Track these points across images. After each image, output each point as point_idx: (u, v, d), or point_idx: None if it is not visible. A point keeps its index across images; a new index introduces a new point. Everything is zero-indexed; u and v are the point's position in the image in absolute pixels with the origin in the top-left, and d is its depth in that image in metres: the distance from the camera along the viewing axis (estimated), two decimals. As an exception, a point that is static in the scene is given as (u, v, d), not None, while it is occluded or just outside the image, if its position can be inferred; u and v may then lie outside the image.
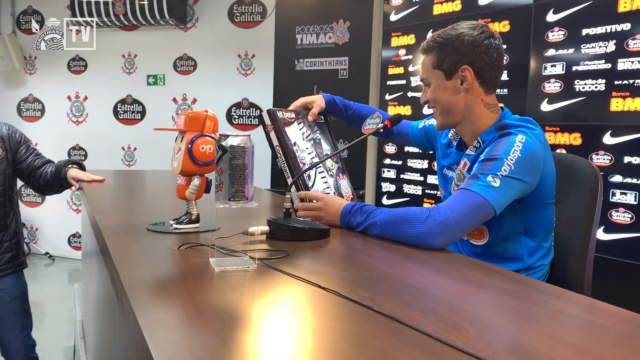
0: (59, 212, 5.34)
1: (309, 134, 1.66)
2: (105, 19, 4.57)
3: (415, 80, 3.13)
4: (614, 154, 2.20)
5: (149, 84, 5.02)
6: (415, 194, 3.15)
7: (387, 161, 3.32)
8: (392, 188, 3.30)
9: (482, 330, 0.77)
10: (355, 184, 1.73)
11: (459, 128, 1.47)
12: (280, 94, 3.87)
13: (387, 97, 3.30)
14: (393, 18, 3.28)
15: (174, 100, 4.93)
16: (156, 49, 4.93)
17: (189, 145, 1.22)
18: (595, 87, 2.27)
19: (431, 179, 3.06)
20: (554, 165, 1.38)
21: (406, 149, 3.17)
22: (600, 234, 2.19)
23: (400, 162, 3.24)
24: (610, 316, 0.87)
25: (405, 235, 1.25)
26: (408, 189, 3.19)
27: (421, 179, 3.12)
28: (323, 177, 1.59)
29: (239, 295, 0.89)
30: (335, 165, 1.68)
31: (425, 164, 3.09)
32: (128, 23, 4.69)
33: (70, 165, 2.26)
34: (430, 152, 1.81)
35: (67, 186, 2.31)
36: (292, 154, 1.54)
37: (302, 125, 1.66)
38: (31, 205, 5.44)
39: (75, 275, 4.75)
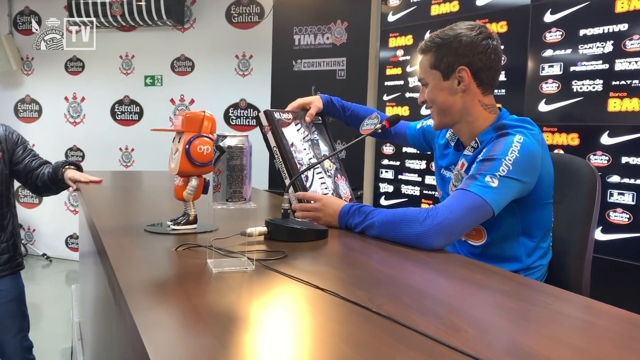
0: (56, 214, 5.34)
1: (306, 135, 1.66)
2: (102, 20, 4.57)
3: (413, 81, 3.13)
4: (612, 155, 2.21)
5: (146, 84, 5.01)
6: (413, 194, 3.15)
7: (385, 162, 3.32)
8: (390, 189, 3.29)
9: (481, 331, 0.77)
10: (353, 184, 1.73)
11: (457, 128, 1.47)
12: (278, 94, 3.87)
13: (385, 98, 3.30)
14: (391, 19, 3.28)
15: (172, 101, 4.93)
16: (154, 49, 4.92)
17: (187, 146, 1.22)
18: (593, 88, 2.27)
19: (429, 180, 3.06)
20: (551, 165, 1.38)
21: (404, 149, 3.17)
22: (598, 235, 2.19)
23: (398, 163, 3.24)
24: (608, 316, 0.87)
25: (404, 236, 1.25)
26: (406, 189, 3.19)
27: (419, 179, 3.12)
28: (321, 178, 1.59)
29: (236, 297, 0.89)
30: (334, 166, 1.67)
31: (423, 165, 3.09)
32: (125, 24, 4.69)
33: (67, 166, 2.25)
34: (428, 153, 1.81)
35: (64, 187, 2.30)
36: (290, 155, 1.54)
37: (300, 126, 1.66)
38: (28, 207, 5.43)
39: (72, 277, 4.74)
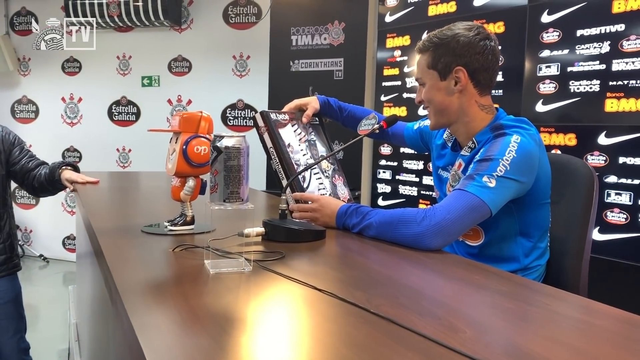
0: (54, 214, 5.32)
1: (303, 136, 1.65)
2: (99, 20, 4.56)
3: (410, 82, 3.13)
4: (609, 155, 2.21)
5: (143, 85, 5.01)
6: (411, 195, 3.15)
7: (383, 162, 3.32)
8: (388, 189, 3.29)
9: (480, 332, 0.77)
10: (350, 185, 1.73)
11: (453, 129, 1.47)
12: (276, 95, 3.86)
13: (383, 98, 3.30)
14: (388, 19, 3.28)
15: (169, 101, 4.92)
16: (151, 50, 4.92)
17: (184, 147, 1.22)
18: (590, 88, 2.28)
19: (427, 180, 3.06)
20: (549, 165, 1.38)
21: (401, 150, 3.17)
22: (596, 235, 2.19)
23: (395, 163, 3.24)
24: (606, 317, 0.87)
25: (401, 237, 1.25)
26: (403, 190, 3.19)
27: (417, 180, 3.12)
28: (318, 179, 1.59)
29: (234, 298, 0.88)
30: (331, 166, 1.67)
31: (420, 165, 3.09)
32: (123, 24, 4.68)
33: (64, 167, 2.25)
34: (426, 154, 1.81)
35: (61, 188, 2.30)
36: (286, 156, 1.53)
37: (297, 127, 1.65)
38: (25, 208, 5.42)
39: (69, 278, 4.73)
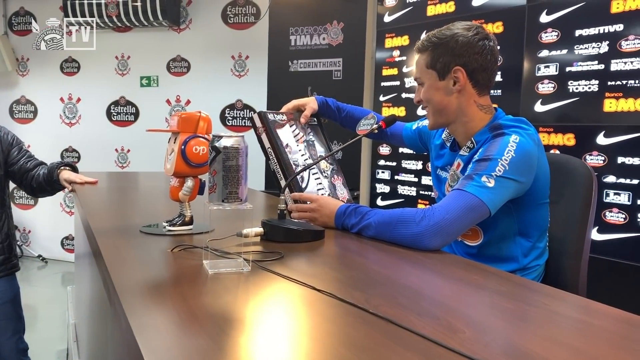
0: (52, 215, 5.31)
1: (301, 136, 1.65)
2: (98, 20, 4.55)
3: (409, 82, 3.13)
4: (608, 155, 2.21)
5: (142, 85, 5.00)
6: (410, 195, 3.15)
7: (382, 162, 3.32)
8: (387, 189, 3.29)
9: (479, 332, 0.77)
10: (349, 185, 1.72)
11: (452, 128, 1.47)
12: (274, 95, 3.86)
13: (382, 99, 3.30)
14: (387, 19, 3.27)
15: (168, 101, 4.91)
16: (149, 50, 4.91)
17: (182, 147, 1.22)
18: (589, 88, 2.28)
19: (425, 180, 3.05)
20: (547, 165, 1.38)
21: (400, 150, 3.17)
22: (594, 235, 2.19)
23: (394, 164, 3.24)
24: (605, 317, 0.87)
25: (400, 237, 1.24)
26: (402, 190, 3.19)
27: (415, 180, 3.12)
28: (317, 179, 1.59)
29: (233, 298, 0.88)
30: (330, 166, 1.67)
31: (419, 165, 3.09)
32: (121, 24, 4.68)
33: (62, 167, 2.25)
34: (424, 154, 1.81)
35: (60, 188, 2.29)
36: (284, 156, 1.53)
37: (295, 127, 1.65)
38: (24, 208, 5.41)
39: (68, 278, 4.72)
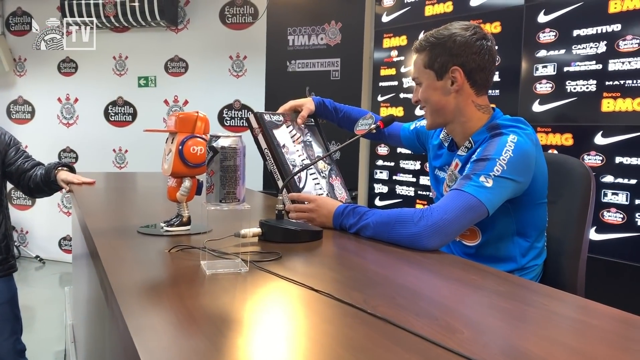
0: (50, 215, 5.30)
1: (298, 137, 1.65)
2: (96, 21, 4.54)
3: (407, 82, 3.13)
4: (606, 155, 2.21)
5: (140, 85, 4.99)
6: (408, 195, 3.15)
7: (380, 162, 3.32)
8: (385, 189, 3.29)
9: (477, 332, 0.76)
10: (347, 185, 1.72)
11: (450, 128, 1.47)
12: (272, 95, 3.86)
13: (379, 99, 3.30)
14: (385, 19, 3.27)
15: (165, 102, 4.91)
16: (147, 50, 4.90)
17: (180, 147, 1.21)
18: (587, 88, 2.28)
19: (423, 180, 3.05)
20: (545, 164, 1.38)
21: (398, 150, 3.17)
22: (592, 234, 2.19)
23: (392, 164, 3.24)
24: (603, 317, 0.87)
25: (399, 237, 1.24)
26: (400, 190, 3.19)
27: (413, 180, 3.12)
28: (315, 179, 1.59)
29: (230, 299, 0.88)
30: (328, 167, 1.67)
31: (417, 165, 3.09)
32: (119, 24, 4.67)
33: (60, 168, 2.24)
34: (423, 154, 1.81)
35: (57, 189, 2.29)
36: (281, 156, 1.53)
37: (291, 128, 1.65)
38: (21, 208, 5.40)
39: (66, 279, 4.71)
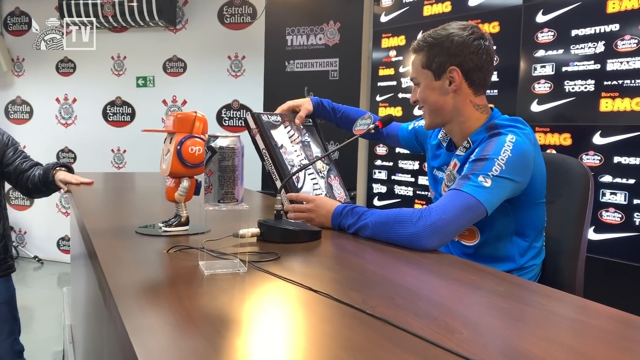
0: (48, 215, 5.29)
1: (296, 137, 1.65)
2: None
3: (405, 82, 3.13)
4: (604, 154, 2.21)
5: (138, 85, 4.99)
6: (406, 195, 3.15)
7: (378, 162, 3.32)
8: (383, 189, 3.29)
9: (476, 332, 0.76)
10: (346, 185, 1.72)
11: (448, 128, 1.47)
12: (271, 95, 3.86)
13: (378, 99, 3.30)
14: (383, 19, 3.27)
15: (164, 102, 4.90)
16: (146, 50, 4.90)
17: (178, 147, 1.21)
18: (585, 88, 2.28)
19: (422, 180, 3.05)
20: (544, 164, 1.38)
21: (397, 150, 3.17)
22: (591, 234, 2.20)
23: (391, 164, 3.24)
24: (602, 316, 0.87)
25: (397, 237, 1.24)
26: (399, 190, 3.19)
27: (412, 180, 3.12)
28: (313, 179, 1.58)
29: (229, 299, 0.88)
30: (327, 167, 1.67)
31: (416, 165, 3.09)
32: (117, 24, 4.66)
33: (58, 168, 2.24)
34: (421, 154, 1.81)
35: (55, 189, 2.28)
36: (279, 157, 1.53)
37: (289, 128, 1.65)
38: (19, 209, 5.39)
39: (64, 279, 4.71)
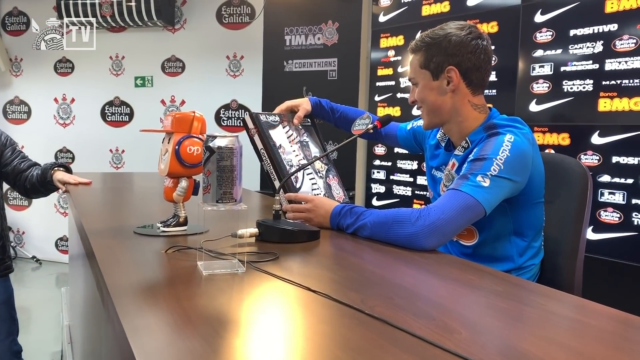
0: (46, 216, 5.29)
1: (295, 137, 1.65)
2: (92, 21, 4.53)
3: (404, 82, 3.13)
4: (602, 154, 2.22)
5: (136, 85, 4.98)
6: (405, 195, 3.15)
7: (377, 162, 3.32)
8: (382, 189, 3.29)
9: (475, 332, 0.76)
10: (345, 185, 1.72)
11: (447, 128, 1.47)
12: (269, 95, 3.86)
13: (377, 99, 3.30)
14: (382, 19, 3.27)
15: (162, 102, 4.90)
16: (144, 50, 4.89)
17: (176, 147, 1.21)
18: (583, 88, 2.28)
19: (421, 180, 3.06)
20: (542, 164, 1.38)
21: (395, 150, 3.17)
22: (589, 234, 2.20)
23: (389, 164, 3.24)
24: (601, 316, 0.87)
25: (396, 237, 1.24)
26: (398, 190, 3.19)
27: (411, 180, 3.12)
28: (312, 179, 1.58)
29: (227, 299, 0.87)
30: (325, 167, 1.67)
31: (414, 165, 3.09)
32: (115, 24, 4.66)
33: (56, 168, 2.23)
34: (420, 154, 1.81)
35: (54, 189, 2.28)
36: (278, 157, 1.53)
37: (288, 128, 1.65)
38: (18, 209, 5.38)
39: (62, 279, 4.70)
